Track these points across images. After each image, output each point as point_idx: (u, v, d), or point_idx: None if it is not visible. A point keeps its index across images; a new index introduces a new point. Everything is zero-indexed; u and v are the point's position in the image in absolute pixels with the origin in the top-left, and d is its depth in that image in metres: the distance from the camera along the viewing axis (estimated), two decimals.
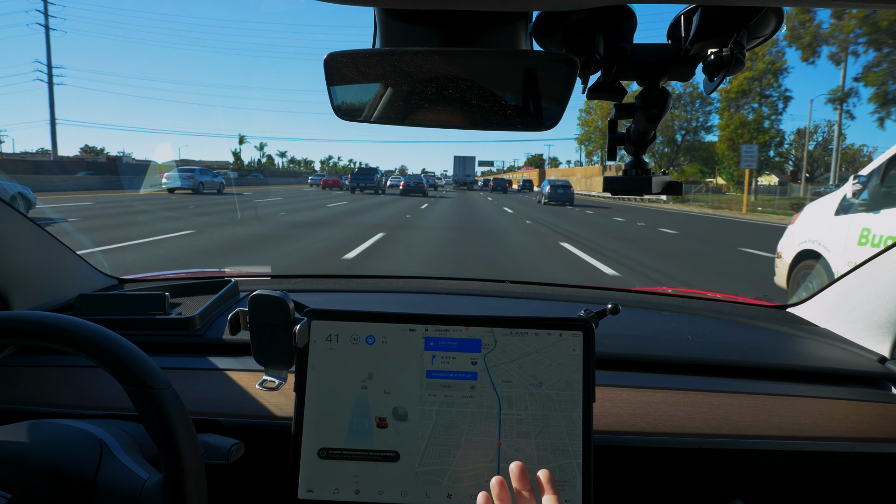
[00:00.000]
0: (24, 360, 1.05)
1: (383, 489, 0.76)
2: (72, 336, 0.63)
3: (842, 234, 4.54)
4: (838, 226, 4.62)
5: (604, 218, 18.95)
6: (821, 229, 4.84)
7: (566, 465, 0.76)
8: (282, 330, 0.76)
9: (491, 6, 0.53)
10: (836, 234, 4.62)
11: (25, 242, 1.14)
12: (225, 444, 0.78)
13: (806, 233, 5.04)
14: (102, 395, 0.95)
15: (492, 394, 0.78)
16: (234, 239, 10.19)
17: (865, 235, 4.32)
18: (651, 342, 1.14)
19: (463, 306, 1.35)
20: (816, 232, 4.89)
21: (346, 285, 1.50)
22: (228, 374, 1.00)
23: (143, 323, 1.11)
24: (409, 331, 0.80)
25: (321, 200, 24.38)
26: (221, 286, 1.31)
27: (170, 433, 0.61)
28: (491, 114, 0.65)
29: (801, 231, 5.13)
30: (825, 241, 4.74)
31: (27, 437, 0.68)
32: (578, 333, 0.80)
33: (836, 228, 4.63)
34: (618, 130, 0.74)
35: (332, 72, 0.64)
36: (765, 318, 1.31)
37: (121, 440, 0.72)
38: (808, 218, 5.16)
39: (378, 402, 0.78)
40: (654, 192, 0.72)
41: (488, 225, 14.92)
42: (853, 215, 4.50)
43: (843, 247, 4.50)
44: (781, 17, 0.58)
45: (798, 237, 5.14)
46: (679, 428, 0.92)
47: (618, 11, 0.61)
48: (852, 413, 0.98)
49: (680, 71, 0.66)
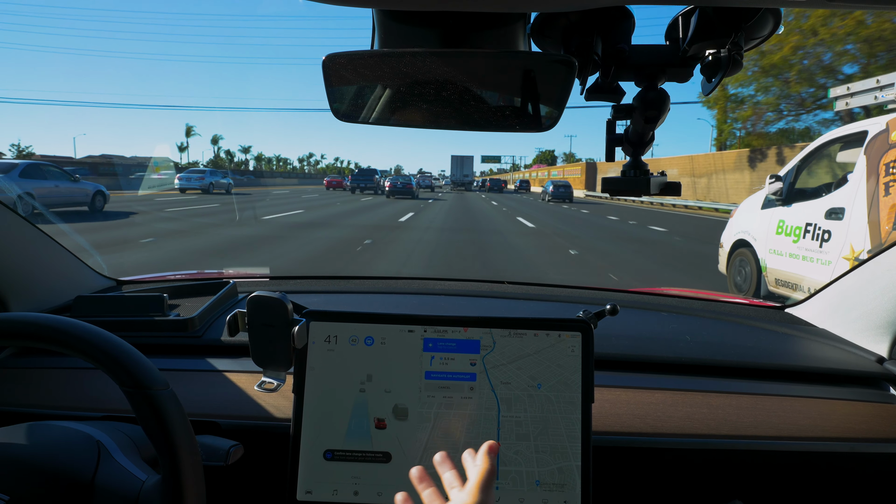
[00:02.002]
0: (22, 361, 1.05)
1: (382, 490, 0.76)
2: (70, 338, 0.62)
3: (764, 225, 5.39)
4: (762, 218, 5.45)
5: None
6: (750, 222, 5.67)
7: (566, 468, 0.76)
8: (280, 331, 0.76)
9: (489, 7, 0.53)
10: (760, 225, 5.47)
11: (24, 244, 1.14)
12: (223, 445, 0.78)
13: (739, 225, 5.90)
14: (101, 396, 0.95)
15: (490, 396, 0.78)
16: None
17: (780, 226, 5.15)
18: (650, 343, 1.14)
19: (461, 307, 1.35)
20: (747, 224, 5.73)
21: (344, 286, 1.50)
22: (227, 375, 1.00)
23: (142, 324, 1.11)
24: (408, 332, 0.80)
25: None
26: (220, 287, 1.31)
27: (168, 435, 0.61)
28: (489, 115, 0.65)
29: (737, 223, 5.98)
30: (752, 231, 5.59)
31: (25, 439, 0.68)
32: (577, 334, 0.80)
33: (761, 221, 5.46)
34: (616, 131, 0.74)
35: (330, 73, 0.64)
36: (763, 318, 1.31)
37: (119, 442, 0.71)
38: (742, 212, 5.99)
39: (377, 403, 0.78)
40: (653, 192, 0.72)
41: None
42: (773, 209, 5.33)
43: (765, 236, 5.34)
44: (779, 18, 0.58)
45: (734, 229, 5.99)
46: (678, 428, 0.92)
47: (616, 13, 0.61)
48: (850, 413, 0.98)
49: (678, 72, 0.66)
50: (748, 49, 0.63)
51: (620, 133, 0.74)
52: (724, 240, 6.15)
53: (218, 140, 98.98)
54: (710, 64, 0.61)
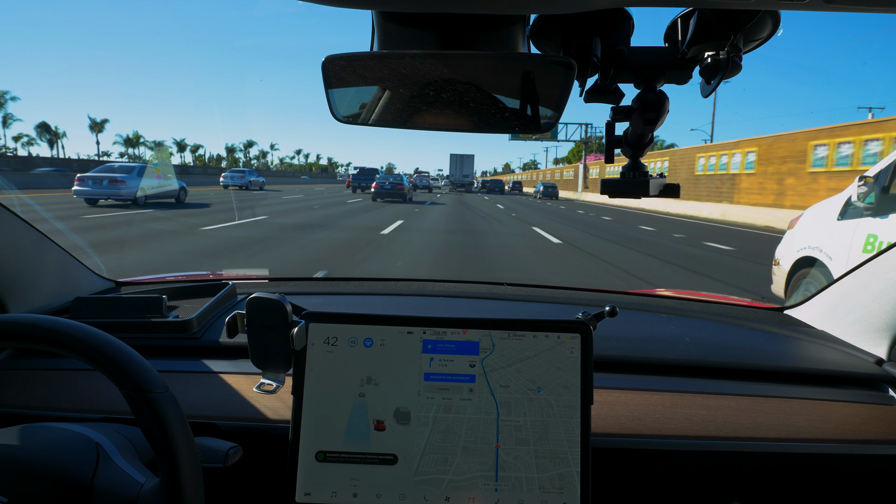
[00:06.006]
0: (20, 363, 1.05)
1: (381, 492, 0.76)
2: (68, 339, 0.62)
3: (845, 240, 4.12)
4: (841, 231, 4.21)
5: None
6: (822, 235, 4.44)
7: (566, 474, 0.76)
8: (279, 333, 0.75)
9: (488, 9, 0.53)
10: (838, 240, 4.20)
11: (22, 245, 1.14)
12: (222, 447, 0.78)
13: (806, 238, 4.63)
14: (99, 398, 0.95)
15: (489, 400, 0.78)
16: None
17: (871, 242, 3.89)
18: (649, 344, 1.14)
19: (461, 309, 1.35)
20: (817, 238, 4.48)
21: (343, 288, 1.50)
22: (226, 377, 1.00)
23: (140, 326, 1.11)
24: (407, 333, 0.80)
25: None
26: (219, 289, 1.30)
27: (167, 437, 0.61)
28: (489, 116, 0.65)
29: (801, 237, 4.70)
30: (827, 247, 4.32)
31: (24, 441, 0.68)
32: (576, 336, 0.80)
33: (839, 234, 4.22)
34: (615, 133, 0.74)
35: (329, 75, 0.64)
36: (762, 320, 1.31)
37: (118, 444, 0.71)
38: (808, 222, 4.73)
39: (376, 404, 0.78)
40: (652, 194, 0.73)
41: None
42: (858, 220, 4.10)
43: (846, 254, 4.09)
44: (778, 21, 0.58)
45: (797, 243, 4.71)
46: (677, 430, 0.92)
47: (615, 15, 0.62)
48: (849, 415, 0.98)
49: (677, 74, 0.66)
50: (747, 51, 0.63)
51: (620, 135, 0.74)
52: (781, 255, 4.90)
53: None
54: (708, 66, 0.61)
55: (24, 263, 1.14)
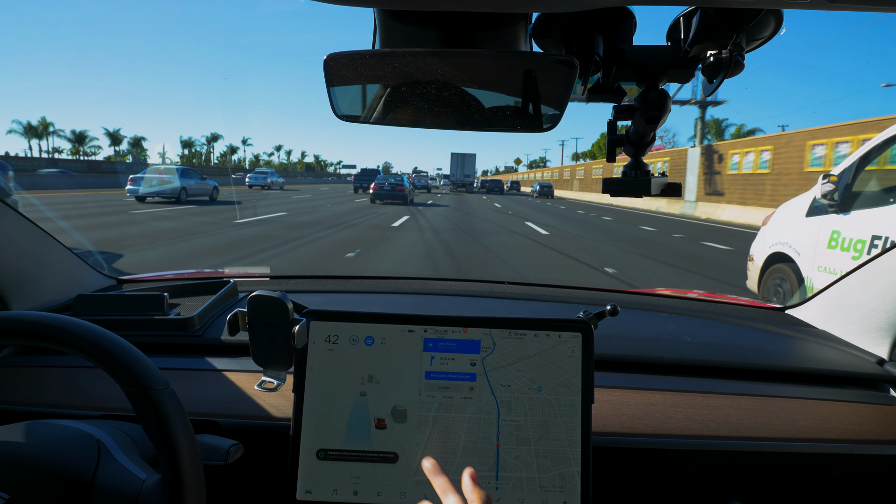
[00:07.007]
0: (22, 360, 1.05)
1: (382, 490, 0.76)
2: (70, 336, 0.62)
3: (812, 236, 4.29)
4: (809, 228, 4.37)
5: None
6: (791, 231, 4.60)
7: (567, 474, 0.76)
8: (280, 331, 0.76)
9: (490, 7, 0.53)
10: (806, 236, 4.37)
11: (24, 242, 1.14)
12: (223, 444, 0.78)
13: (777, 235, 4.78)
14: (101, 395, 0.95)
15: (490, 399, 0.78)
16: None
17: (835, 238, 4.06)
18: (650, 343, 1.14)
19: (462, 307, 1.35)
20: (787, 234, 4.64)
21: (345, 286, 1.50)
22: (227, 374, 1.00)
23: (142, 323, 1.11)
24: (408, 332, 0.80)
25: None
26: (220, 287, 1.31)
27: (168, 434, 0.61)
28: (490, 115, 0.65)
29: (773, 233, 4.85)
30: (795, 243, 4.49)
31: (25, 438, 0.68)
32: (577, 335, 0.79)
33: (807, 231, 4.37)
34: (617, 132, 0.74)
35: (331, 73, 0.64)
36: (763, 319, 1.31)
37: (119, 441, 0.71)
38: (779, 219, 4.87)
39: (377, 402, 0.78)
40: (653, 193, 0.72)
41: None
42: (823, 217, 4.25)
43: (812, 250, 4.26)
44: (781, 19, 0.58)
45: (769, 239, 4.86)
46: (678, 429, 0.92)
47: (617, 13, 0.61)
48: (850, 415, 0.98)
49: (679, 72, 0.66)
50: (749, 50, 0.63)
51: (622, 134, 0.74)
52: (755, 251, 5.04)
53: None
54: (711, 65, 0.61)
55: (26, 261, 1.14)
